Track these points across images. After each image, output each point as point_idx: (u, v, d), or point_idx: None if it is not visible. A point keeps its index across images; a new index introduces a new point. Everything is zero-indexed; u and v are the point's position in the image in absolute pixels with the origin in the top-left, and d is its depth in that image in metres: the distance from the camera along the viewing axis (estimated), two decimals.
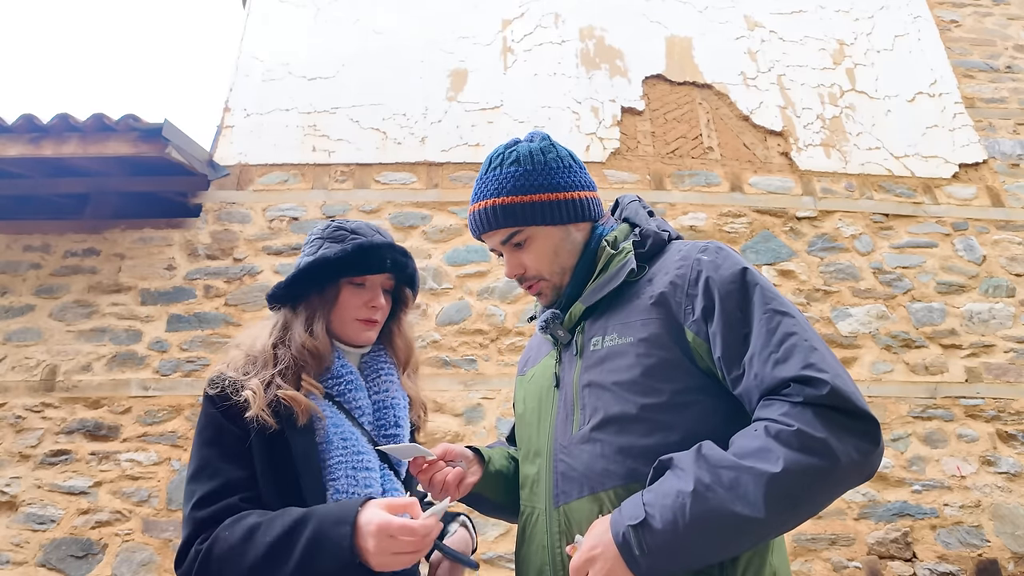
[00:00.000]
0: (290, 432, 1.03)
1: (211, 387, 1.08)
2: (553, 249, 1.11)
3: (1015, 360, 3.49)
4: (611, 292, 1.06)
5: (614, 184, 3.84)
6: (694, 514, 0.80)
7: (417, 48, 4.23)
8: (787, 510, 0.81)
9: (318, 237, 1.20)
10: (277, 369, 1.09)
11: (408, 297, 1.28)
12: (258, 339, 1.15)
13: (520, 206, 1.08)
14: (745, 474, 0.81)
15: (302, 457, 1.03)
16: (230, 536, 0.92)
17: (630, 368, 0.98)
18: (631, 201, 1.20)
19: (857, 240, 3.79)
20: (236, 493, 0.99)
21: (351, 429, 1.08)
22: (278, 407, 1.04)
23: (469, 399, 3.26)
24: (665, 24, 4.43)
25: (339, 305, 1.16)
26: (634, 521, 0.83)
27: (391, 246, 1.19)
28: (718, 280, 0.97)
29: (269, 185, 3.78)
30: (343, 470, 1.03)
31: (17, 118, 3.33)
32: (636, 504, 0.86)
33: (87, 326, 3.36)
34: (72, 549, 2.88)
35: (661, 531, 0.81)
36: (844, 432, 0.82)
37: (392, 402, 1.17)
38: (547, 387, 1.12)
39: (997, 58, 4.52)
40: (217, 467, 1.01)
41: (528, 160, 1.11)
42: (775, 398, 0.87)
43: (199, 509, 0.98)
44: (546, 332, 1.13)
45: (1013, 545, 3.02)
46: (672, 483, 0.85)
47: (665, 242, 1.11)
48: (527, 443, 1.13)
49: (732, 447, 0.86)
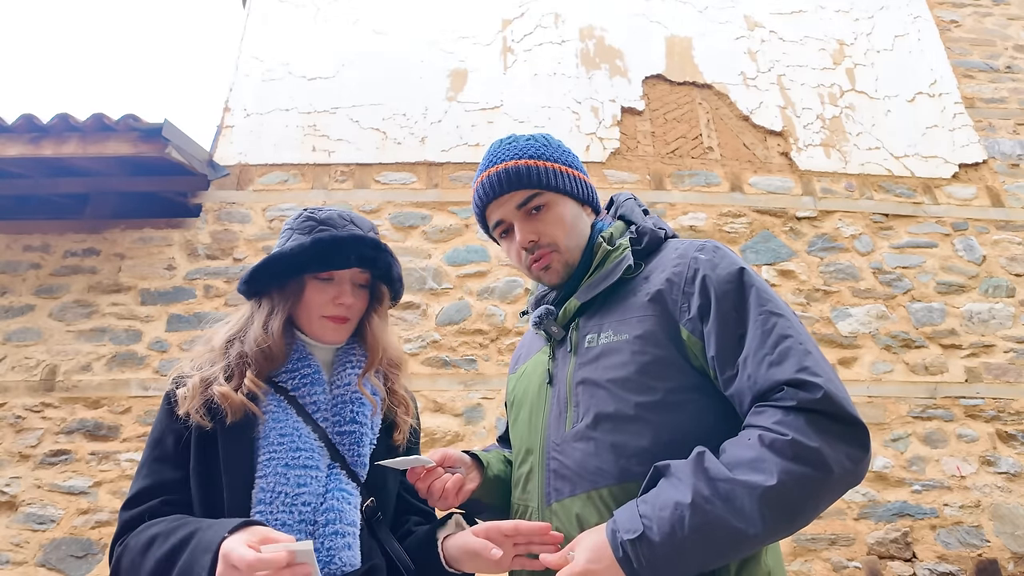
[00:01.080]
0: (220, 431, 1.00)
1: (171, 382, 1.08)
2: (570, 220, 1.09)
3: (1015, 360, 3.49)
4: (606, 289, 1.05)
5: (614, 184, 3.84)
6: (692, 527, 0.80)
7: (417, 48, 4.23)
8: (782, 521, 0.81)
9: (289, 228, 1.15)
10: (223, 365, 1.06)
11: (383, 294, 1.19)
12: (218, 333, 1.13)
13: (543, 170, 1.07)
14: (740, 488, 0.80)
15: (227, 456, 0.99)
16: (135, 544, 0.92)
17: (625, 365, 0.97)
18: (627, 199, 1.19)
19: (857, 240, 3.79)
20: (162, 495, 0.98)
21: (295, 425, 1.03)
22: (216, 405, 1.01)
23: (469, 399, 3.26)
24: (665, 24, 4.43)
25: (304, 301, 1.11)
26: (632, 535, 0.82)
27: (358, 239, 1.11)
28: (715, 279, 0.96)
29: (269, 185, 3.78)
30: (272, 467, 0.98)
31: (17, 118, 3.33)
32: (632, 516, 0.84)
33: (87, 326, 3.36)
34: (72, 549, 2.88)
35: (659, 544, 0.81)
36: (836, 440, 0.82)
37: (352, 396, 1.10)
38: (540, 384, 1.11)
39: (997, 58, 4.52)
40: (151, 467, 1.01)
41: (543, 139, 1.13)
42: (768, 404, 0.87)
43: (125, 510, 0.98)
44: (539, 328, 1.12)
45: (1013, 545, 3.02)
46: (670, 494, 0.83)
47: (661, 240, 1.11)
48: (519, 440, 1.12)
49: (725, 456, 0.86)
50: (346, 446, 1.07)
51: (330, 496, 1.01)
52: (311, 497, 0.99)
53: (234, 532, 0.83)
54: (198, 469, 0.99)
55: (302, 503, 0.98)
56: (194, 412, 1.00)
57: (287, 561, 0.77)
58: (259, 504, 0.96)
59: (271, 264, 1.09)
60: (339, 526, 0.99)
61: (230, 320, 1.15)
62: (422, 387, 3.26)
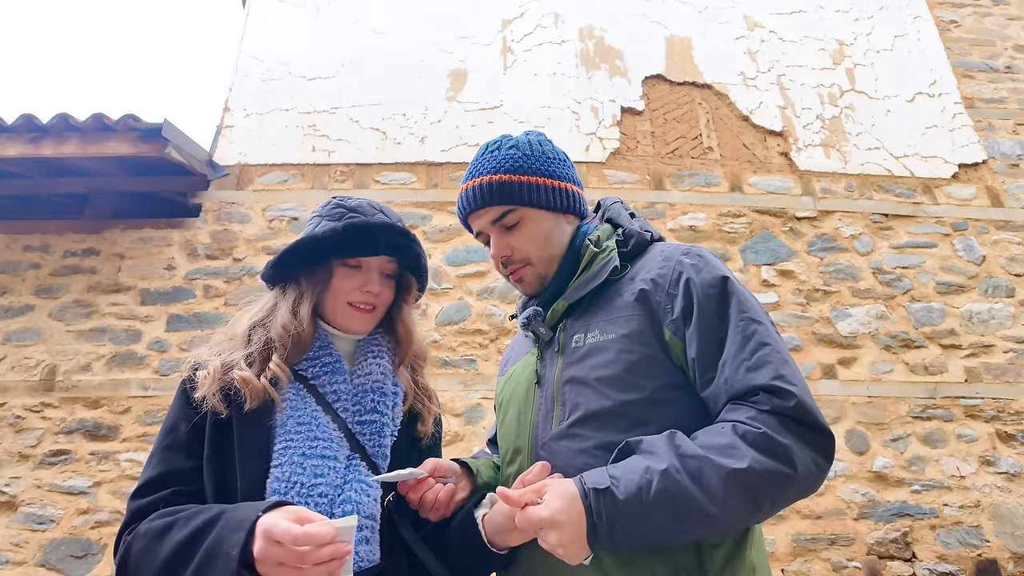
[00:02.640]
0: (236, 417, 0.98)
1: (187, 368, 1.07)
2: (544, 234, 1.10)
3: (1014, 360, 3.49)
4: (593, 290, 1.07)
5: (614, 184, 3.84)
6: (657, 491, 0.82)
7: (417, 48, 4.23)
8: (742, 507, 0.83)
9: (317, 215, 1.15)
10: (247, 352, 1.04)
11: (411, 284, 1.20)
12: (241, 320, 1.11)
13: (517, 185, 1.08)
14: (709, 465, 0.83)
15: (243, 443, 0.97)
16: (149, 530, 0.89)
17: (612, 364, 0.98)
18: (614, 203, 1.21)
19: (857, 240, 3.79)
20: (173, 485, 0.95)
21: (314, 414, 1.01)
22: (234, 391, 1.00)
23: (469, 399, 3.26)
24: (665, 24, 4.43)
25: (331, 288, 1.10)
26: (599, 487, 0.84)
27: (389, 227, 1.11)
28: (699, 283, 0.98)
29: (269, 185, 3.78)
30: (288, 456, 0.96)
31: (17, 118, 3.33)
32: (600, 474, 0.87)
33: (87, 326, 3.36)
34: (72, 549, 2.88)
35: (623, 502, 0.83)
36: (805, 443, 0.86)
37: (374, 386, 1.08)
38: (528, 384, 1.12)
39: (997, 58, 4.53)
40: (163, 456, 0.99)
41: (526, 146, 1.13)
42: (742, 403, 0.89)
43: (135, 499, 0.95)
44: (527, 329, 1.13)
45: (1012, 545, 3.02)
46: (641, 461, 0.86)
47: (648, 242, 1.13)
48: (508, 441, 1.13)
49: (698, 440, 0.88)
50: (366, 436, 1.04)
51: (348, 488, 0.98)
52: (328, 488, 0.96)
53: (268, 512, 0.81)
54: (212, 457, 0.97)
55: (318, 494, 0.95)
56: (211, 396, 0.98)
57: (332, 536, 0.77)
58: (274, 494, 0.93)
59: (301, 248, 1.08)
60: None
61: (251, 308, 1.13)
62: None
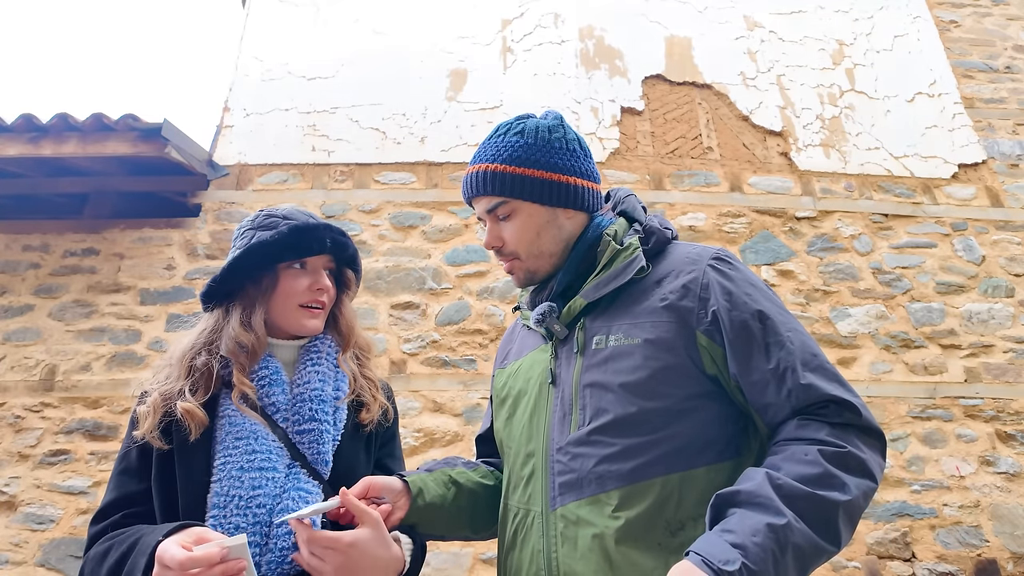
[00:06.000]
0: (178, 443, 1.01)
1: (137, 399, 1.11)
2: (536, 229, 1.07)
3: (1014, 360, 3.49)
4: (614, 289, 1.04)
5: (613, 184, 3.83)
6: (784, 547, 0.78)
7: (417, 48, 4.23)
8: (849, 533, 0.84)
9: (248, 228, 1.16)
10: (190, 380, 1.06)
11: (350, 279, 1.24)
12: (178, 346, 1.12)
13: (510, 177, 1.06)
14: (825, 504, 0.82)
15: (183, 463, 1.00)
16: (94, 555, 0.94)
17: (637, 370, 0.96)
18: (627, 195, 1.17)
19: (856, 240, 3.79)
20: (126, 508, 1.00)
21: (252, 428, 1.03)
22: (177, 419, 1.02)
23: (468, 399, 3.26)
24: (665, 24, 4.43)
25: (279, 293, 1.12)
26: (733, 566, 0.75)
27: (328, 226, 1.16)
28: (735, 287, 0.98)
29: (268, 185, 3.78)
30: (227, 471, 0.98)
31: (16, 118, 3.33)
32: (722, 547, 0.78)
33: (86, 326, 3.36)
34: (71, 549, 2.87)
35: (760, 572, 0.76)
36: (876, 452, 0.89)
37: (312, 395, 1.08)
38: (541, 384, 1.08)
39: (996, 58, 4.53)
40: (118, 480, 1.04)
41: (532, 134, 1.08)
42: (812, 418, 0.89)
43: (93, 524, 1.01)
44: (541, 326, 1.09)
45: (1012, 545, 3.02)
46: (754, 518, 0.80)
47: (668, 240, 1.10)
48: (518, 442, 1.08)
49: (785, 472, 0.84)
50: (306, 445, 1.06)
51: (286, 496, 1.00)
52: (266, 499, 0.98)
53: (170, 535, 0.85)
54: (159, 477, 1.01)
55: (256, 505, 0.97)
56: (150, 436, 1.01)
57: (220, 557, 0.80)
58: (213, 509, 0.96)
59: (250, 256, 1.10)
60: None
61: (190, 333, 1.14)
62: (421, 387, 3.26)
